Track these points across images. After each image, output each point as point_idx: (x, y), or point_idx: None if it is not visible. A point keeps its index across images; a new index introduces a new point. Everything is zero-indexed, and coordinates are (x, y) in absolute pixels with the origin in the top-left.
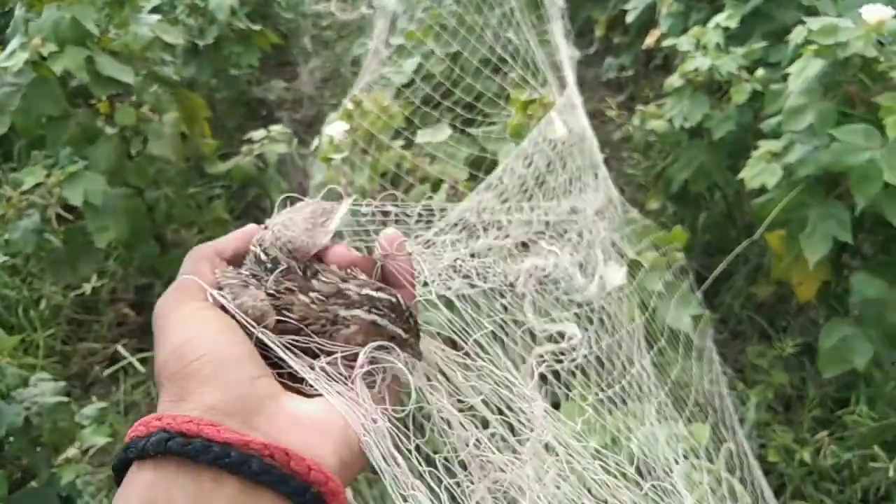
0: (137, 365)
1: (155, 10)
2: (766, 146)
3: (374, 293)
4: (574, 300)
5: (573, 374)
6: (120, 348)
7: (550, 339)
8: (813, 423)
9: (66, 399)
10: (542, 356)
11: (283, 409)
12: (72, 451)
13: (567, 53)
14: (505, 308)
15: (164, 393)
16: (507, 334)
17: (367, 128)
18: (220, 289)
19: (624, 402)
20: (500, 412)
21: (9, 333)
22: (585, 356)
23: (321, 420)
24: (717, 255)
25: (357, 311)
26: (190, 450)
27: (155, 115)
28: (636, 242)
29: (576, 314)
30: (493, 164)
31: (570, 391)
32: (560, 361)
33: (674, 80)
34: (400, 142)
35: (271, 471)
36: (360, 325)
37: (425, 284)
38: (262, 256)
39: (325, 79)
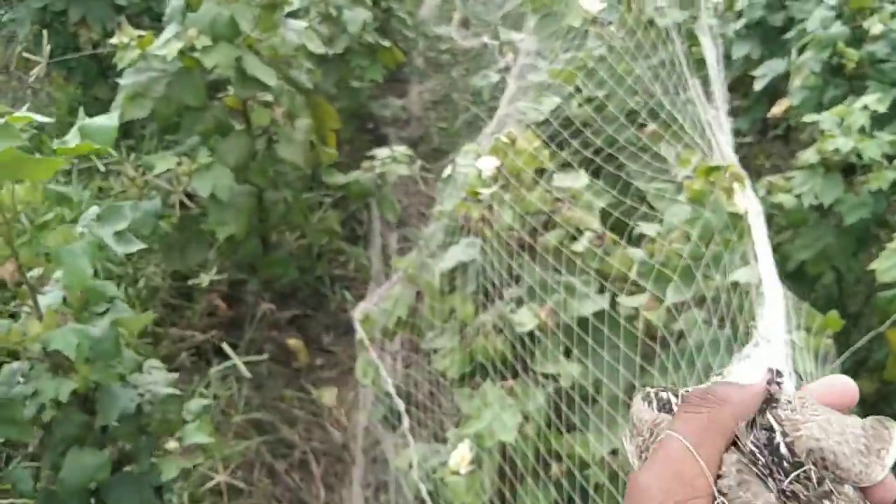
0: (242, 369)
1: (290, 14)
2: None
3: None
4: None
5: None
6: (226, 348)
7: None
8: None
9: (178, 392)
10: None
11: None
12: (171, 444)
13: (727, 122)
14: None
15: None
16: None
17: (520, 165)
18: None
19: None
20: None
21: None
22: None
23: None
24: None
25: None
26: None
27: (284, 119)
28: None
29: None
30: (631, 215)
31: None
32: None
33: (809, 156)
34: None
35: None
36: None
37: None
38: (784, 450)
39: (435, 101)
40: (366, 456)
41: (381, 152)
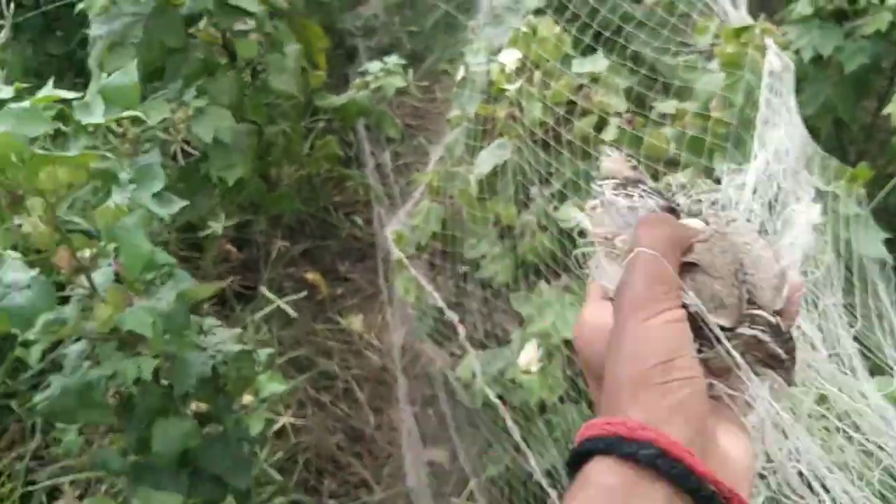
0: (288, 309)
1: None
2: None
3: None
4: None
5: None
6: (264, 289)
7: None
8: None
9: (248, 347)
10: None
11: (717, 449)
12: (247, 398)
13: None
14: None
15: (635, 405)
16: None
17: (544, 55)
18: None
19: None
20: None
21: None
22: None
23: (742, 468)
24: None
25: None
26: (676, 473)
27: (269, 47)
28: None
29: None
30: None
31: None
32: None
33: (801, 8)
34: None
35: None
36: (741, 341)
37: None
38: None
39: (398, 4)
40: (406, 374)
41: (373, 66)
